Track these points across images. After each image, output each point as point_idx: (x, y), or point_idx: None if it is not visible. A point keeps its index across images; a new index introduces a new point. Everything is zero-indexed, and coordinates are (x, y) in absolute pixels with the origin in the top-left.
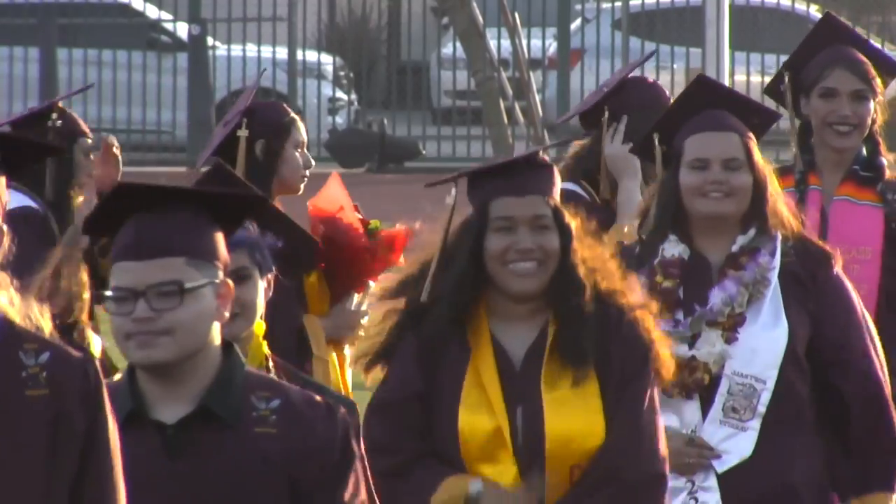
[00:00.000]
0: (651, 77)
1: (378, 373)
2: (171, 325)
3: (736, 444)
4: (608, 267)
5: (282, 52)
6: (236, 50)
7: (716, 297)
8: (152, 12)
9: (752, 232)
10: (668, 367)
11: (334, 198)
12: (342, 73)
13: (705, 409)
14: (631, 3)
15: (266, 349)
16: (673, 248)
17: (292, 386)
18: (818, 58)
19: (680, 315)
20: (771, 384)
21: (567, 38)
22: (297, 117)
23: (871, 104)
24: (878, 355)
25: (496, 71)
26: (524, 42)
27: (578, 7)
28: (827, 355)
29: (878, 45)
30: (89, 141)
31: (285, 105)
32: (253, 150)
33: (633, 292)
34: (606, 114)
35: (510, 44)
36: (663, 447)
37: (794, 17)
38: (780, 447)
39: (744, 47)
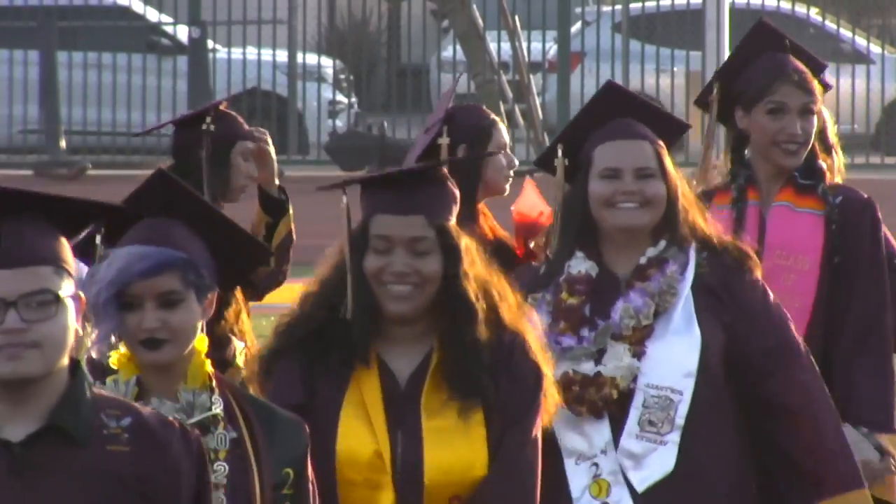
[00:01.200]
0: (651, 81)
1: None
2: (40, 338)
3: (657, 460)
4: (513, 300)
5: (282, 55)
6: (236, 53)
7: (618, 310)
8: (152, 15)
9: (662, 244)
10: (549, 411)
11: (534, 203)
12: (342, 76)
13: (617, 428)
14: (631, 6)
15: (209, 367)
16: (580, 265)
17: (145, 407)
18: (757, 68)
19: (585, 332)
20: (688, 395)
21: (567, 40)
22: (497, 119)
23: (815, 117)
24: (809, 356)
25: (496, 74)
26: (524, 45)
27: (578, 10)
28: (756, 366)
29: (853, 35)
30: (249, 144)
31: (484, 107)
32: (455, 156)
33: (533, 327)
34: None
35: (510, 47)
36: (538, 489)
37: (795, 20)
38: (702, 460)
39: None
